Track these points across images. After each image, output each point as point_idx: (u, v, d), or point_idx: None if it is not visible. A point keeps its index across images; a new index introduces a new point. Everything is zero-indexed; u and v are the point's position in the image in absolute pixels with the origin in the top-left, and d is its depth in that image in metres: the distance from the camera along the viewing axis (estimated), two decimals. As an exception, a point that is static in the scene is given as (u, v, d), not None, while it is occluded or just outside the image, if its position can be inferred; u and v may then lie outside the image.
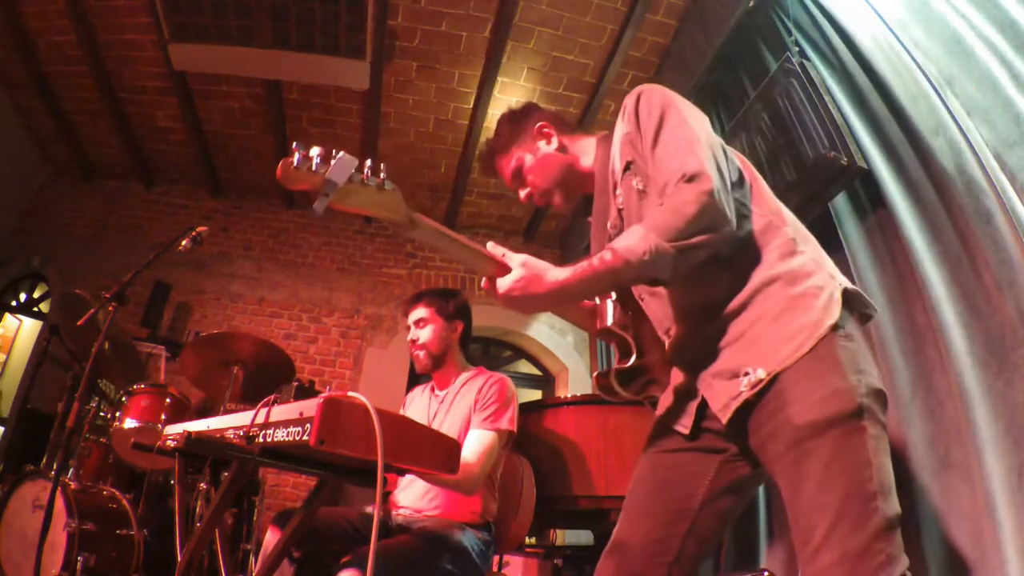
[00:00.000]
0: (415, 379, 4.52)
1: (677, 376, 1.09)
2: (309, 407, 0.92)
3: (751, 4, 2.62)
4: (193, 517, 2.21)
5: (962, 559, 1.44)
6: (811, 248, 1.01)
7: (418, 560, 1.50)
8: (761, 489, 2.56)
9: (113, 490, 2.36)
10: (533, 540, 3.57)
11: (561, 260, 5.27)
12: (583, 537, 3.72)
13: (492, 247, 1.01)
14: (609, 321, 1.12)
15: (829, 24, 2.18)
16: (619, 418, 2.12)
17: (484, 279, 1.01)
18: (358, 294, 4.82)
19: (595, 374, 1.15)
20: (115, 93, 4.02)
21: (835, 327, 0.90)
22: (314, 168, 0.84)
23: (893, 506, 0.82)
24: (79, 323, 2.12)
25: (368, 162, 0.89)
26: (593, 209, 1.22)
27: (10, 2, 3.40)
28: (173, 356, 3.81)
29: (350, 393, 0.96)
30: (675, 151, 0.99)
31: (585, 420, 2.16)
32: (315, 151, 0.84)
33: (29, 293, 4.80)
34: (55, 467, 1.98)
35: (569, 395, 4.59)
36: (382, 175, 0.90)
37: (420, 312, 1.94)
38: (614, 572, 1.03)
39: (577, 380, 4.89)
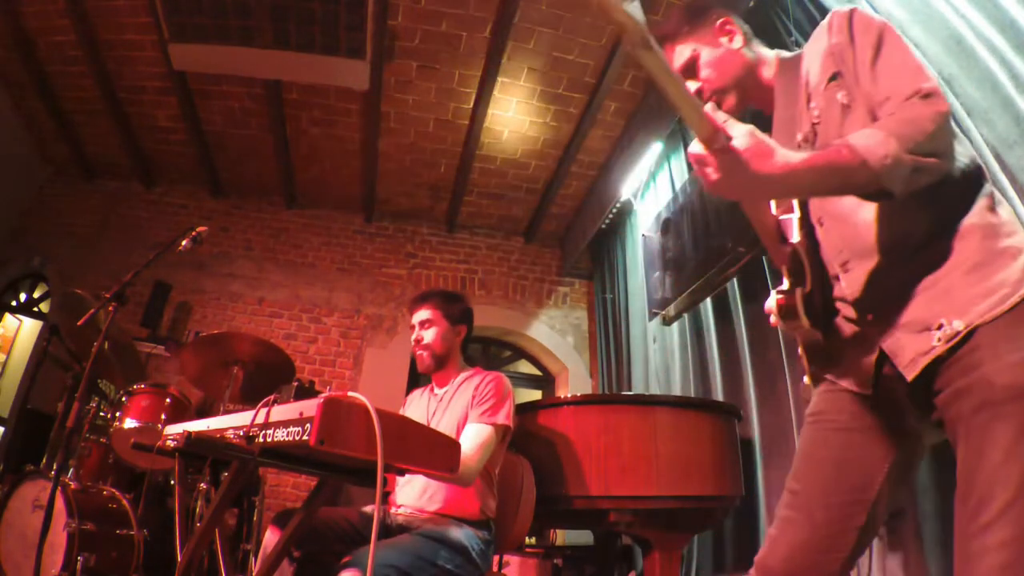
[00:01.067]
0: (415, 379, 4.52)
1: (844, 322, 0.98)
2: (309, 407, 0.92)
3: (751, 4, 2.62)
4: (193, 517, 2.22)
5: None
6: (1006, 209, 0.92)
7: (418, 559, 1.50)
8: (761, 489, 2.56)
9: (113, 490, 2.36)
10: (533, 540, 3.57)
11: (561, 260, 5.28)
12: (583, 537, 3.72)
13: (712, 108, 0.83)
14: (795, 238, 1.00)
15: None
16: (619, 418, 2.12)
17: (691, 149, 0.85)
18: (358, 294, 4.83)
19: (779, 290, 0.99)
20: (115, 93, 4.03)
21: None
22: None
23: None
24: (79, 323, 2.12)
25: None
26: (774, 123, 1.12)
27: (10, 2, 3.40)
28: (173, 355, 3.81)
29: (350, 393, 0.96)
30: (903, 68, 0.91)
31: (585, 420, 2.16)
32: None
33: (29, 293, 4.80)
34: (55, 467, 1.98)
35: (569, 395, 4.59)
36: None
37: (426, 313, 1.96)
38: (785, 561, 0.97)
39: (577, 380, 4.89)
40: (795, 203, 1.05)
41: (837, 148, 0.82)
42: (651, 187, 4.04)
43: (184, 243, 2.30)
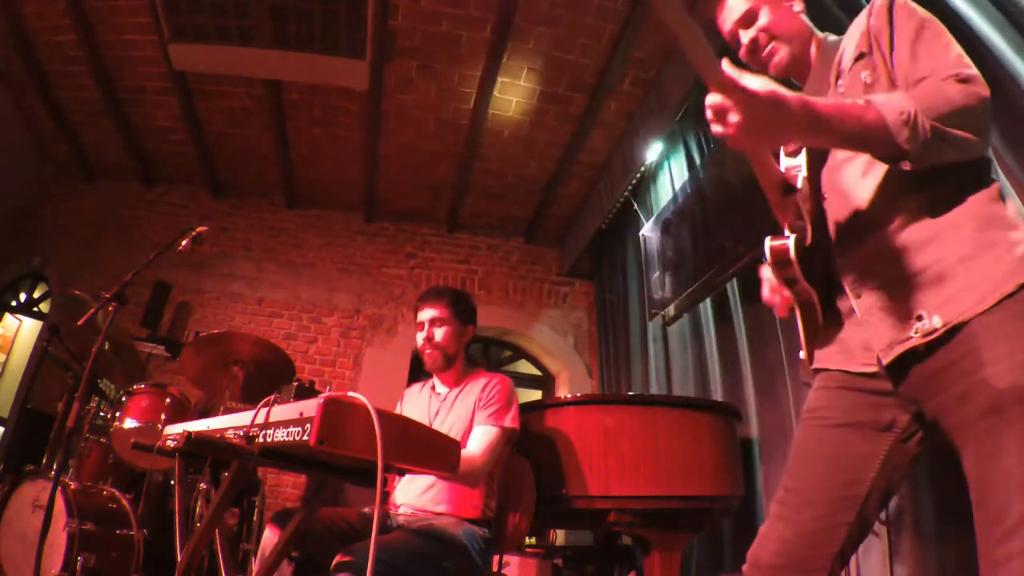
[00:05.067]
0: (415, 379, 4.51)
1: (843, 298, 0.98)
2: (309, 407, 0.92)
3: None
4: (193, 517, 2.22)
5: (962, 559, 1.44)
6: (1012, 206, 0.91)
7: (418, 558, 1.50)
8: (761, 488, 2.56)
9: (113, 490, 2.36)
10: (533, 540, 3.57)
11: (561, 260, 5.27)
12: (583, 537, 3.72)
13: (727, 64, 0.82)
14: (800, 185, 1.02)
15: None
16: (619, 418, 2.12)
17: (708, 100, 0.83)
18: (358, 294, 4.83)
19: (772, 237, 0.99)
20: (115, 93, 4.03)
21: None
22: None
23: None
24: (79, 323, 2.12)
25: None
26: None
27: (10, 2, 3.40)
28: (173, 356, 3.81)
29: (350, 393, 0.96)
30: (944, 52, 0.92)
31: (585, 420, 2.16)
32: None
33: (29, 293, 4.80)
34: (55, 467, 1.98)
35: (569, 395, 4.59)
36: None
37: (436, 311, 1.94)
38: (775, 556, 0.97)
39: (577, 380, 4.89)
40: (803, 165, 1.04)
41: (855, 101, 0.83)
42: (651, 187, 4.04)
43: (184, 243, 2.30)
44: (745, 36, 1.16)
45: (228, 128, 4.30)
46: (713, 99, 0.81)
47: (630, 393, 3.90)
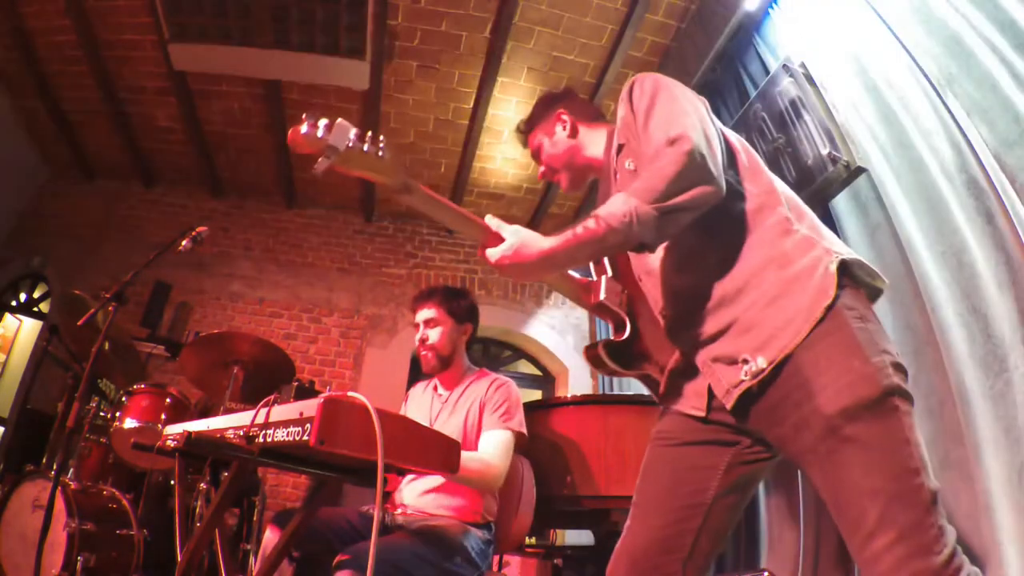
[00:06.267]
0: (415, 379, 4.51)
1: (677, 358, 1.08)
2: (309, 407, 0.92)
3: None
4: (193, 517, 2.21)
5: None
6: (806, 224, 1.00)
7: (418, 559, 1.50)
8: (761, 487, 2.56)
9: (113, 490, 2.36)
10: (533, 540, 3.57)
11: (561, 260, 5.27)
12: (583, 537, 3.72)
13: (490, 219, 1.03)
14: (602, 296, 1.14)
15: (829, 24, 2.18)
16: (619, 418, 2.12)
17: (479, 248, 1.03)
18: (358, 294, 4.82)
19: (585, 347, 1.17)
20: (115, 93, 4.02)
21: (833, 306, 0.88)
22: (319, 135, 0.90)
23: (932, 479, 0.82)
24: (79, 323, 2.12)
25: (369, 132, 0.95)
26: (599, 195, 1.26)
27: (10, 2, 3.40)
28: (173, 356, 3.81)
29: (350, 393, 0.96)
30: (661, 123, 1.02)
31: (585, 420, 2.16)
32: (322, 121, 0.91)
33: (29, 293, 4.80)
34: (55, 467, 1.98)
35: (569, 395, 4.58)
36: (381, 143, 0.95)
37: (430, 312, 1.92)
38: (627, 568, 1.03)
39: (577, 380, 4.88)
40: (607, 266, 1.19)
41: (585, 223, 0.94)
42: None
43: (184, 243, 2.30)
44: (540, 169, 1.35)
45: (228, 128, 4.30)
46: (488, 255, 1.00)
47: (630, 393, 3.89)
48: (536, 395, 5.09)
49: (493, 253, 0.99)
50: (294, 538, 1.19)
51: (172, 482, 2.65)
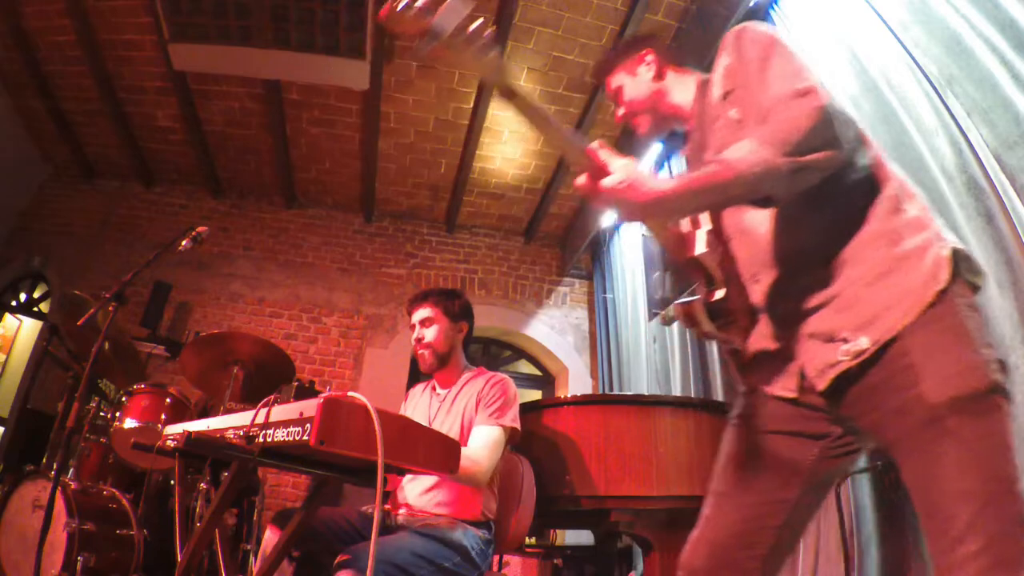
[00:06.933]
0: (415, 379, 4.51)
1: (767, 330, 0.99)
2: (309, 407, 0.92)
3: (751, 4, 2.62)
4: (193, 517, 2.21)
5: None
6: (917, 205, 0.92)
7: (418, 558, 1.50)
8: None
9: (113, 490, 2.36)
10: (533, 540, 3.57)
11: (561, 260, 5.28)
12: (583, 537, 3.72)
13: (596, 147, 0.94)
14: (698, 250, 1.06)
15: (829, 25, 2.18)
16: (619, 418, 2.12)
17: (580, 177, 0.93)
18: (358, 294, 4.82)
19: (678, 303, 1.07)
20: (115, 93, 4.02)
21: (946, 292, 0.82)
22: (421, 11, 0.82)
23: None
24: (79, 323, 2.11)
25: (480, 19, 0.87)
26: (689, 143, 1.19)
27: (10, 2, 3.40)
28: (173, 356, 3.81)
29: (350, 393, 0.96)
30: (783, 75, 0.95)
31: (585, 420, 2.16)
32: None
33: (29, 293, 4.80)
34: (55, 467, 1.98)
35: (569, 395, 4.59)
36: (486, 36, 0.88)
37: (426, 311, 1.94)
38: (706, 559, 0.99)
39: (577, 380, 4.89)
40: (705, 219, 1.10)
41: (707, 168, 0.87)
42: (651, 187, 4.04)
43: (184, 243, 2.30)
44: (619, 112, 1.27)
45: (228, 128, 4.30)
46: (580, 181, 0.92)
47: (630, 393, 3.90)
48: (536, 395, 5.09)
49: (607, 182, 0.88)
50: (294, 538, 1.19)
51: (172, 482, 2.65)
